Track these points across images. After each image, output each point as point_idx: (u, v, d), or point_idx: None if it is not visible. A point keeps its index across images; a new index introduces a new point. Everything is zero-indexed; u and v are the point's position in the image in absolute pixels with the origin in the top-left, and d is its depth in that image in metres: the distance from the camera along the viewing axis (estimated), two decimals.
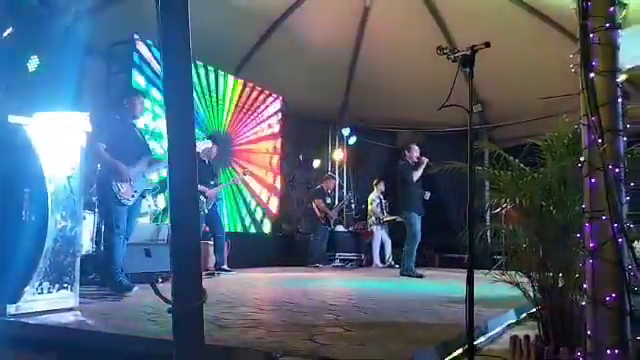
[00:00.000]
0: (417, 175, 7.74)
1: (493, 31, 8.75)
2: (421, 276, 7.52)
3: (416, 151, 7.89)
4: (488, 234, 3.05)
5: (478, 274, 2.71)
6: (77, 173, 3.78)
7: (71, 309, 3.63)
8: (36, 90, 6.15)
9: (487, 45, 2.34)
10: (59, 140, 3.69)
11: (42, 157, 3.56)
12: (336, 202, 10.93)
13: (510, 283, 2.60)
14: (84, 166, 3.90)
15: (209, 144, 6.99)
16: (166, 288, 1.65)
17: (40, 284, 3.48)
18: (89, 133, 4.02)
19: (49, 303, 3.51)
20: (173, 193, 1.35)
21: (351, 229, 11.08)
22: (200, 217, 7.16)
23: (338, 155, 12.22)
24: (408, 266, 7.65)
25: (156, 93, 7.79)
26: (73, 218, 3.73)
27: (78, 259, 3.77)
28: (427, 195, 8.06)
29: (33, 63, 6.24)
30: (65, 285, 3.63)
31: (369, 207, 10.65)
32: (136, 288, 4.67)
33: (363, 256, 10.44)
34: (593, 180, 2.21)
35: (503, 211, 3.66)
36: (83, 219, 5.66)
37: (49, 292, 3.53)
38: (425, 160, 7.79)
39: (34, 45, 6.35)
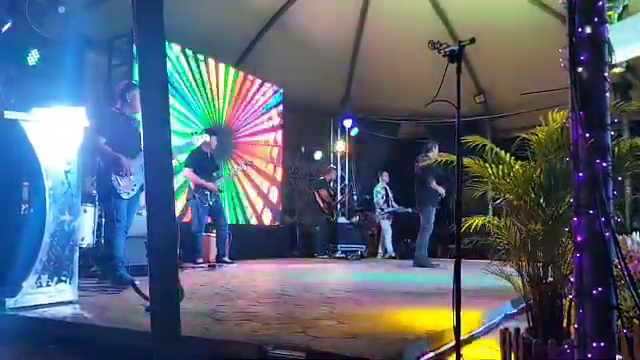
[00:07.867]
0: None
1: (495, 21, 8.74)
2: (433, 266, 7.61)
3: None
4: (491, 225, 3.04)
5: (480, 264, 2.73)
6: (75, 168, 3.81)
7: (70, 302, 3.67)
8: (36, 84, 6.19)
9: (472, 41, 2.34)
10: (56, 135, 3.72)
11: (39, 152, 3.59)
12: (338, 194, 10.96)
13: (500, 276, 2.61)
14: (82, 160, 3.93)
15: (207, 137, 7.01)
16: None
17: (39, 278, 3.52)
18: (88, 127, 4.04)
19: (48, 296, 3.55)
20: (149, 195, 1.37)
21: (353, 220, 11.11)
22: (204, 209, 7.20)
23: (340, 147, 12.23)
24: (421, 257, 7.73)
25: None
26: (71, 212, 3.76)
27: (77, 253, 3.81)
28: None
29: (33, 57, 6.28)
30: (63, 278, 3.67)
31: (375, 199, 10.66)
32: (138, 282, 4.71)
33: (365, 247, 10.46)
34: (580, 174, 2.22)
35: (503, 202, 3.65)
36: (84, 212, 5.73)
37: (48, 285, 3.57)
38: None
39: (34, 39, 6.39)
